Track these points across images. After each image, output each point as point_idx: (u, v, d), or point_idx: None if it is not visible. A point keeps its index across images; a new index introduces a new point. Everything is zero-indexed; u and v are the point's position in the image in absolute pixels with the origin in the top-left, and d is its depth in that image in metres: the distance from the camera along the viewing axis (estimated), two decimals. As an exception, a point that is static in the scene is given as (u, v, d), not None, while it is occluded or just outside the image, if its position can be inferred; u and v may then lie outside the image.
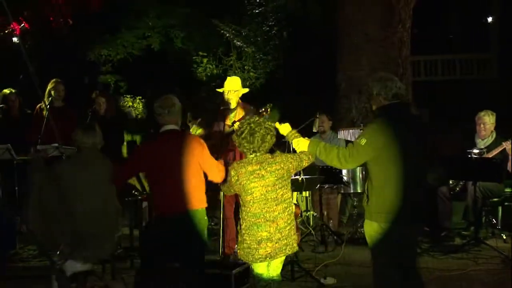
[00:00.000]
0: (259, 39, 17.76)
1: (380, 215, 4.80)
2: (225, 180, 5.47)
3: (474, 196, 7.80)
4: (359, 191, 8.42)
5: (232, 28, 17.72)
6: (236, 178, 5.08)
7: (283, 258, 5.14)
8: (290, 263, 6.67)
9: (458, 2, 20.03)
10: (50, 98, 8.46)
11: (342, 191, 8.55)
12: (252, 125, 5.08)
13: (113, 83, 19.10)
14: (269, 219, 4.98)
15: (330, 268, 7.09)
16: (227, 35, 17.76)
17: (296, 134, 5.19)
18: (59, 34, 14.67)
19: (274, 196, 4.99)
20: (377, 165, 4.81)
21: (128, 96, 19.18)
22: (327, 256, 7.56)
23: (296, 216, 7.84)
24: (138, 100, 19.19)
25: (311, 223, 8.50)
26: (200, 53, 18.10)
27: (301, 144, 5.12)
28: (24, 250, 8.00)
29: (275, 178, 5.00)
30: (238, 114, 7.33)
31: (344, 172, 8.20)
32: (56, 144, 7.48)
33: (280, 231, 4.98)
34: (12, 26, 11.05)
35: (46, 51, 16.44)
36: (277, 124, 5.24)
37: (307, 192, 8.51)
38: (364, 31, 11.95)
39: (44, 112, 8.51)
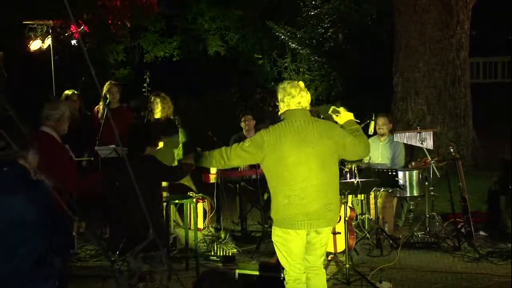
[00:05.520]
0: (314, 41, 17.71)
1: (278, 221, 4.99)
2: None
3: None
4: (415, 194, 8.31)
5: (287, 30, 17.73)
6: None
7: None
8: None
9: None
10: (108, 100, 8.59)
11: (398, 195, 8.45)
12: None
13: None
14: None
15: (385, 272, 7.02)
16: (282, 37, 17.77)
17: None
18: (117, 36, 14.91)
19: None
20: (268, 171, 4.96)
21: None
22: (382, 260, 7.48)
23: (351, 219, 7.83)
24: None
25: (366, 226, 8.42)
26: (255, 55, 18.14)
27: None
28: (82, 250, 8.12)
29: None
30: None
31: (400, 175, 8.11)
32: (113, 146, 7.58)
33: None
34: (71, 29, 11.32)
35: (104, 52, 16.76)
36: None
37: (363, 195, 8.42)
38: (421, 32, 11.80)
39: (100, 114, 8.66)
